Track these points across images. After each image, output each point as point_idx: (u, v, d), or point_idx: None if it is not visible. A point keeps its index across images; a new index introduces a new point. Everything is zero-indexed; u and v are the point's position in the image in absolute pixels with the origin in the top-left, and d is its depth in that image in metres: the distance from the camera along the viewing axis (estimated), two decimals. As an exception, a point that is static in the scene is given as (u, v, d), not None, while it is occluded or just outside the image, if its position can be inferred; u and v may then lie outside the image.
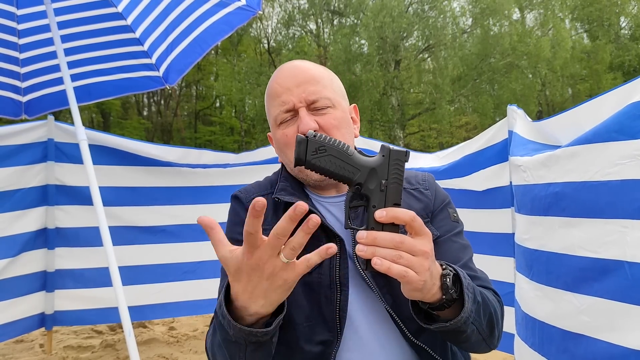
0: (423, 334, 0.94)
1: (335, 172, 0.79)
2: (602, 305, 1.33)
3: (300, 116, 0.98)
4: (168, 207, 3.26)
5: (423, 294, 0.79)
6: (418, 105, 18.33)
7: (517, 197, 1.86)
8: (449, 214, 1.06)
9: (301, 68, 1.03)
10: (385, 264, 0.73)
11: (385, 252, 0.74)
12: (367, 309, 0.97)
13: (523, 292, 1.75)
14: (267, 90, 1.06)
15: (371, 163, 0.79)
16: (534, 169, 1.68)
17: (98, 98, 3.15)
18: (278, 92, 1.01)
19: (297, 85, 1.00)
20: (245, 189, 1.10)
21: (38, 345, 3.51)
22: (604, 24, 18.82)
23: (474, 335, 0.88)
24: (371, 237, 0.75)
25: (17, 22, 2.80)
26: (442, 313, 0.85)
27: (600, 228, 1.35)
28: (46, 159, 2.99)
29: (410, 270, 0.74)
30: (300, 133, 0.96)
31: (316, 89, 1.00)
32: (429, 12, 17.22)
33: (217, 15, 2.78)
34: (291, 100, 0.99)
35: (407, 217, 0.76)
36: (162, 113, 22.48)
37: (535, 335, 1.63)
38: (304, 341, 0.95)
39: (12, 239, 2.85)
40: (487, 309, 0.91)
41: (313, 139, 0.78)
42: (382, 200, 0.78)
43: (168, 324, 4.11)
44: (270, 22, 21.16)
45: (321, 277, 0.96)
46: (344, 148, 0.79)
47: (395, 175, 0.79)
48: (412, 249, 0.75)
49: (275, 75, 1.06)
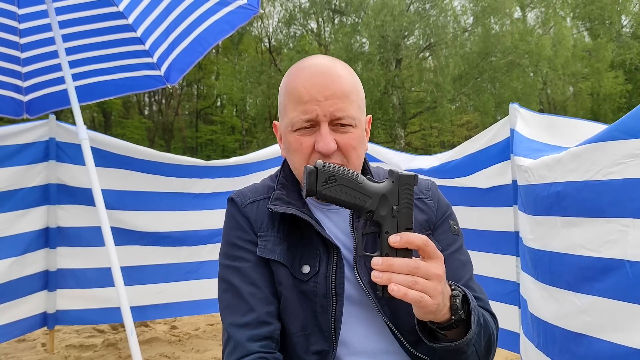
0: (422, 344, 0.94)
1: (346, 200, 0.80)
2: (603, 305, 1.33)
3: (321, 132, 0.93)
4: (172, 213, 3.26)
5: (435, 315, 0.81)
6: (419, 104, 18.32)
7: (521, 197, 1.86)
8: (450, 227, 1.06)
9: (332, 76, 0.95)
10: (402, 290, 0.75)
11: (401, 278, 0.76)
12: (363, 318, 0.97)
13: (530, 292, 1.75)
14: (288, 87, 0.98)
15: (381, 189, 0.81)
16: (535, 169, 1.68)
17: (99, 98, 3.15)
18: (303, 98, 0.94)
19: (326, 98, 0.93)
20: (241, 192, 1.08)
21: (40, 344, 3.51)
22: (605, 22, 18.79)
23: (472, 357, 0.89)
24: (387, 263, 0.77)
25: (18, 21, 2.80)
26: (448, 333, 0.86)
27: (602, 227, 1.34)
28: (47, 158, 2.99)
29: (425, 295, 0.76)
30: (318, 150, 0.93)
31: (344, 105, 0.94)
32: (430, 11, 17.21)
33: (218, 14, 2.78)
34: (315, 112, 0.93)
35: (420, 241, 0.78)
36: (163, 112, 22.50)
37: (540, 335, 1.63)
38: (300, 350, 0.95)
39: (15, 238, 2.85)
40: (487, 331, 0.93)
41: (322, 169, 0.79)
42: (395, 225, 0.80)
43: (170, 323, 4.12)
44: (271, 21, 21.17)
45: (317, 287, 0.95)
46: (353, 176, 0.80)
47: (405, 200, 0.80)
48: (427, 274, 0.77)
49: (301, 73, 0.98)
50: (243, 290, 0.96)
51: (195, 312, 3.56)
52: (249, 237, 1.00)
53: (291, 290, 0.95)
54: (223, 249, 1.03)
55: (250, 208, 1.03)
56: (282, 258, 0.97)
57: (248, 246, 1.00)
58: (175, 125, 22.20)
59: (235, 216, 1.03)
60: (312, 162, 0.91)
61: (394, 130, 17.51)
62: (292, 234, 0.99)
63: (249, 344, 0.91)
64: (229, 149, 20.83)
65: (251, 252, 0.99)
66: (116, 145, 3.13)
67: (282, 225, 1.00)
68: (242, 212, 1.03)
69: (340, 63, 1.00)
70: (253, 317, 0.93)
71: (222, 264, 1.02)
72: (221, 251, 1.04)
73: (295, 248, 0.98)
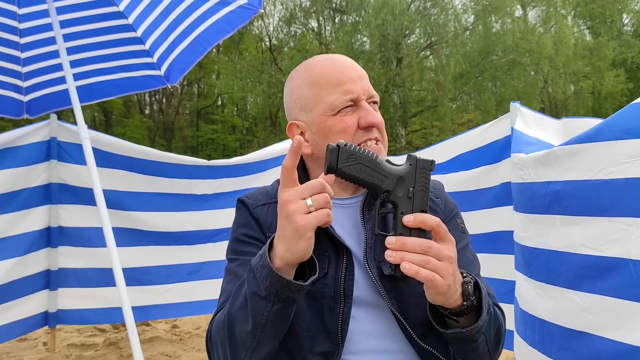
0: (429, 337, 0.95)
1: (364, 179, 0.83)
2: (605, 303, 1.32)
3: (366, 108, 1.00)
4: (174, 214, 3.26)
5: (446, 298, 0.82)
6: (420, 103, 18.31)
7: (515, 195, 1.85)
8: (457, 225, 1.07)
9: (352, 62, 1.05)
10: (414, 268, 0.77)
11: (414, 257, 0.78)
12: (371, 319, 0.97)
13: (522, 290, 1.75)
14: (315, 77, 1.02)
15: (399, 171, 0.84)
16: (531, 167, 1.67)
17: (100, 98, 3.15)
18: (341, 80, 1.00)
19: (360, 78, 1.02)
20: (252, 194, 1.09)
21: (41, 343, 3.52)
22: (606, 20, 18.75)
23: (482, 346, 0.90)
24: (400, 242, 0.79)
25: (18, 21, 2.80)
26: (459, 319, 0.87)
27: (603, 226, 1.34)
28: (49, 158, 2.99)
29: (436, 274, 0.78)
30: (368, 124, 0.98)
31: (372, 87, 1.04)
32: (430, 10, 17.19)
33: (219, 14, 2.78)
34: (356, 91, 0.99)
35: (433, 222, 0.81)
36: (164, 111, 22.50)
37: (535, 333, 1.63)
38: (305, 351, 0.95)
39: (19, 238, 2.85)
40: (497, 321, 0.94)
41: (344, 147, 0.82)
42: (410, 206, 0.82)
43: (171, 322, 4.12)
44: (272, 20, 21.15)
45: (325, 288, 0.95)
46: (373, 157, 0.83)
47: (422, 183, 0.83)
48: (439, 254, 0.79)
49: (322, 63, 1.04)
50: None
51: (197, 313, 3.55)
52: (257, 235, 1.02)
53: None
54: (231, 245, 1.05)
55: (261, 210, 1.04)
56: None
57: (256, 242, 1.01)
58: (176, 124, 22.20)
59: (245, 215, 1.05)
60: (357, 140, 0.98)
61: (395, 129, 17.50)
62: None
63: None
64: (229, 148, 20.84)
65: (259, 248, 0.98)
66: (118, 145, 3.12)
67: None
68: (252, 213, 1.04)
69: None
70: None
71: (230, 258, 1.03)
72: (229, 248, 1.05)
73: None
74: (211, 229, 3.34)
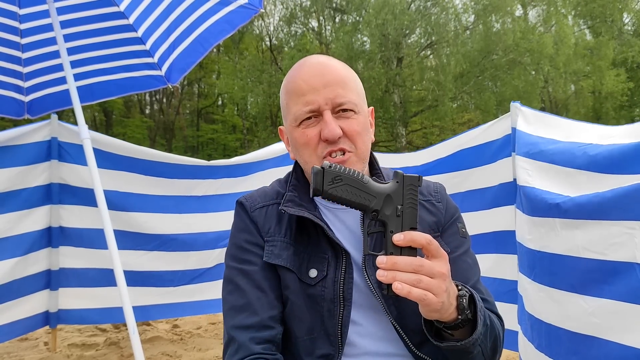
0: (426, 345, 0.95)
1: (352, 200, 0.82)
2: (612, 307, 1.32)
3: (325, 120, 0.94)
4: (177, 216, 3.25)
5: (441, 314, 0.81)
6: (420, 102, 18.28)
7: (520, 196, 1.85)
8: (458, 229, 1.06)
9: (328, 66, 0.98)
10: (406, 288, 0.76)
11: (405, 276, 0.77)
12: (370, 322, 0.97)
13: (527, 293, 1.75)
14: (288, 85, 1.01)
15: (386, 190, 0.82)
16: (539, 178, 1.67)
17: (100, 98, 3.15)
18: (302, 90, 0.96)
19: (324, 86, 0.95)
20: (250, 196, 1.08)
21: (42, 343, 3.52)
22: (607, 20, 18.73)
23: (478, 357, 0.89)
24: (391, 261, 0.78)
25: (19, 21, 2.80)
26: (454, 332, 0.86)
27: (606, 230, 1.34)
28: (50, 158, 2.99)
29: (429, 293, 0.77)
30: (324, 138, 0.94)
31: (344, 92, 0.96)
32: (431, 9, 17.16)
33: (219, 14, 2.78)
34: (317, 101, 0.95)
35: (424, 240, 0.79)
36: (165, 111, 22.49)
37: (541, 337, 1.62)
38: (305, 354, 0.95)
39: (20, 238, 2.86)
40: (493, 332, 0.93)
41: (329, 169, 0.81)
42: (399, 225, 0.81)
43: (172, 322, 4.12)
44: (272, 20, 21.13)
45: (324, 291, 0.95)
46: (359, 177, 0.82)
47: (410, 200, 0.82)
48: (431, 272, 0.78)
49: (298, 70, 1.00)
50: (248, 293, 0.96)
51: (198, 312, 3.56)
52: (256, 241, 1.01)
53: (298, 295, 0.96)
54: (230, 250, 1.04)
55: (259, 213, 1.03)
56: (288, 263, 0.97)
57: (255, 249, 1.00)
58: (177, 124, 22.19)
59: (244, 219, 1.04)
60: (320, 153, 0.95)
61: (395, 128, 17.49)
62: (300, 237, 0.99)
63: (252, 345, 0.91)
64: (230, 148, 20.83)
65: (258, 255, 0.99)
66: (118, 146, 3.13)
67: (289, 229, 1.00)
68: (250, 216, 1.03)
69: (335, 59, 1.03)
70: (256, 320, 0.94)
71: (229, 265, 1.02)
72: (228, 253, 1.04)
73: (302, 252, 0.98)
74: (215, 231, 3.33)
